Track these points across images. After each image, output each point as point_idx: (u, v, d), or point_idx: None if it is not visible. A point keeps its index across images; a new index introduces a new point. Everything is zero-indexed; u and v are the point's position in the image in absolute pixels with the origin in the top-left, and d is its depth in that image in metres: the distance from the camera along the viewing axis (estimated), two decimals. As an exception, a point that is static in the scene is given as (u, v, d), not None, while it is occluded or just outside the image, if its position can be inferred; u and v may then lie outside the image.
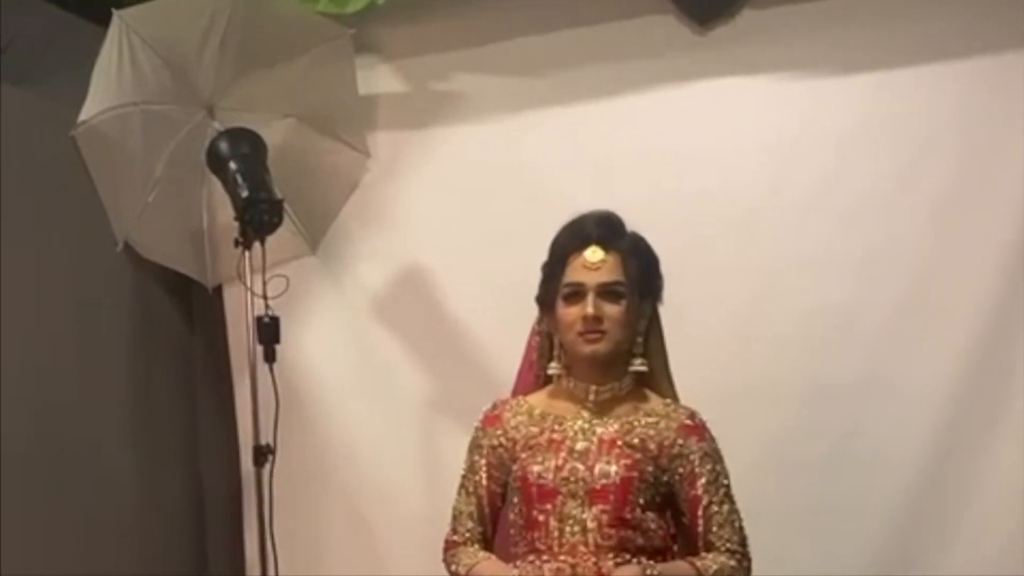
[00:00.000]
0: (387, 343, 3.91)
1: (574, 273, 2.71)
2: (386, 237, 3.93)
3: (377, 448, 3.89)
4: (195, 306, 4.08)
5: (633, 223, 2.80)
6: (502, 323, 3.13)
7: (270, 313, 3.36)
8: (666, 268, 2.84)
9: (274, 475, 3.37)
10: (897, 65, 3.54)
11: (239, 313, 3.58)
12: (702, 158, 3.66)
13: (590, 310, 2.67)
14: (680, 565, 2.71)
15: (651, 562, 2.67)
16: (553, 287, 2.75)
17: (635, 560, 2.67)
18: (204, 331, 4.09)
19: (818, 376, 3.53)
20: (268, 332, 3.36)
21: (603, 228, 2.73)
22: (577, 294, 2.70)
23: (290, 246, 3.78)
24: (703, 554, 2.72)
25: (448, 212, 3.87)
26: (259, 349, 3.37)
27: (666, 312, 2.86)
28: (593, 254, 2.70)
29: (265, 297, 3.36)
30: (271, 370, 3.36)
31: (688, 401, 2.85)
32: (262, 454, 3.37)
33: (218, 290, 3.99)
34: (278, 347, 3.37)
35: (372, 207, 3.94)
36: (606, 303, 2.69)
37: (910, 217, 3.50)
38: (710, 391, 3.10)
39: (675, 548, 2.78)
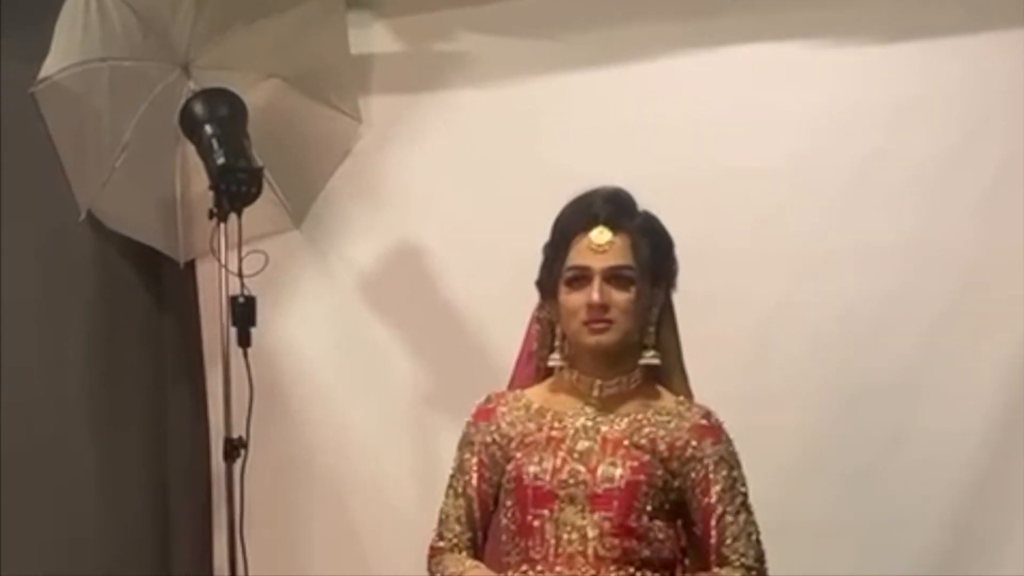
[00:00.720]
0: (377, 328, 3.95)
1: (579, 256, 2.73)
2: (378, 211, 3.97)
3: (364, 443, 3.94)
4: (165, 283, 4.12)
5: (651, 202, 2.81)
6: (506, 308, 3.11)
7: (246, 292, 3.42)
8: (687, 253, 2.85)
9: (248, 472, 3.43)
10: (950, 32, 3.57)
11: (213, 292, 3.62)
12: (732, 132, 3.68)
13: (596, 297, 2.69)
14: (689, 581, 2.74)
15: (657, 576, 2.71)
16: (555, 271, 2.76)
17: (639, 574, 2.69)
18: (174, 311, 4.13)
19: (857, 376, 3.57)
20: (243, 313, 3.42)
21: (611, 206, 2.74)
22: (582, 278, 2.72)
23: (271, 219, 3.83)
24: (715, 570, 2.74)
25: (448, 185, 3.90)
26: (233, 332, 3.44)
27: (686, 303, 2.88)
28: (600, 235, 2.72)
29: (241, 275, 3.41)
30: (245, 355, 3.42)
31: (710, 403, 2.85)
32: (234, 448, 3.43)
33: (190, 266, 4.03)
34: (254, 330, 3.43)
35: (364, 178, 3.98)
36: (614, 289, 2.71)
37: (961, 200, 3.53)
38: (735, 392, 3.17)
39: (686, 562, 2.81)
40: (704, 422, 2.80)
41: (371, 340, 3.96)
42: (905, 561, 3.50)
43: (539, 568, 2.72)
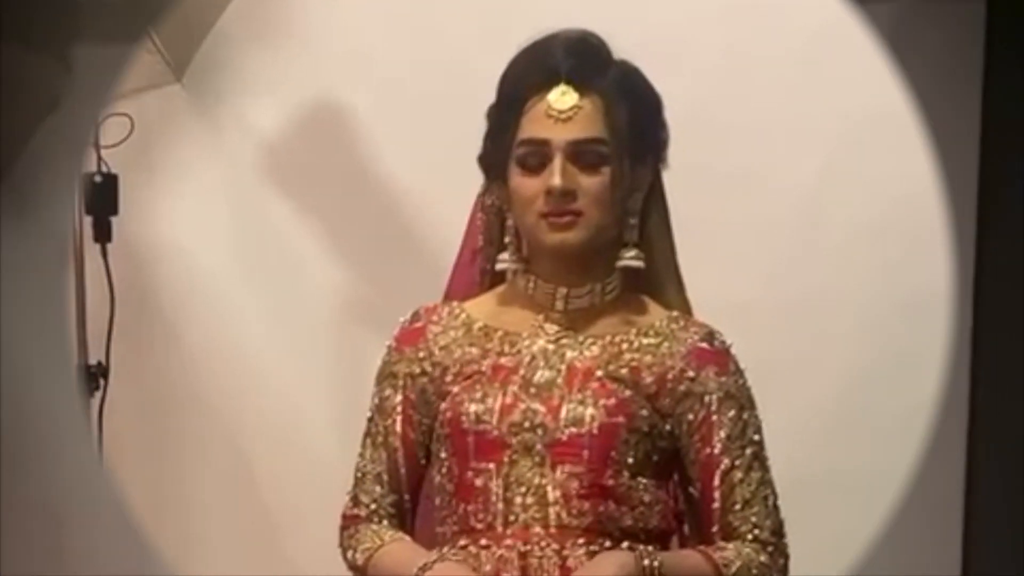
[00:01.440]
0: (284, 216, 4.00)
1: (533, 125, 2.68)
2: (285, 60, 3.98)
3: (267, 370, 4.02)
4: None
5: (634, 50, 2.75)
6: (453, 191, 3.12)
7: (104, 169, 3.45)
8: (685, 117, 2.79)
9: (109, 409, 3.50)
10: None
11: (61, 168, 3.63)
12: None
13: (556, 181, 2.64)
14: (688, 556, 2.71)
15: (648, 548, 2.66)
16: (504, 143, 2.72)
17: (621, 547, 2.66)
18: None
19: (923, 286, 3.61)
20: (100, 197, 3.47)
21: (577, 57, 2.68)
22: (538, 156, 2.68)
23: (139, 70, 3.80)
24: (721, 543, 2.71)
25: (379, 28, 3.94)
26: (88, 222, 3.47)
27: (684, 185, 2.81)
28: (561, 97, 2.67)
29: (97, 146, 3.44)
30: (104, 253, 3.47)
31: (715, 321, 2.81)
32: (91, 376, 3.48)
33: (33, 133, 4.04)
34: (115, 219, 3.49)
35: (266, 15, 4.00)
36: (581, 171, 2.66)
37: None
38: (750, 305, 3.26)
39: (685, 529, 2.81)
40: (705, 346, 2.76)
41: (275, 233, 4.02)
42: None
43: (483, 541, 2.69)
